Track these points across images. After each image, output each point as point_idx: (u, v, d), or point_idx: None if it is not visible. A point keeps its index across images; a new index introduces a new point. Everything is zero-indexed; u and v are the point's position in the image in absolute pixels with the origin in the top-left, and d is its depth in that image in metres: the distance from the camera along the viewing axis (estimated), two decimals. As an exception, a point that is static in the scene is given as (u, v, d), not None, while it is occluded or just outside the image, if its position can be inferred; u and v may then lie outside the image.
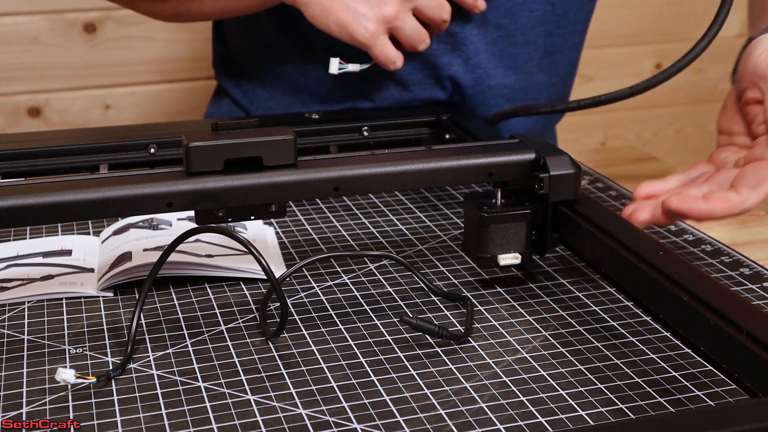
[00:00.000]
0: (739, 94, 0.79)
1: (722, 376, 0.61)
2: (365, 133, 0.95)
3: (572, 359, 0.65)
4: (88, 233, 0.87)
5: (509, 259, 0.74)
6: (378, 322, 0.70)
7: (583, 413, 0.58)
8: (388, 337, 0.68)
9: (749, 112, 0.78)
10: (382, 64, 0.91)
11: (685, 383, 0.62)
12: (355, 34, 0.89)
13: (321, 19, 0.90)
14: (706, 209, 0.72)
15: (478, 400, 0.60)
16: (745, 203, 0.72)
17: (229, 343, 0.68)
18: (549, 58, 1.06)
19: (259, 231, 0.86)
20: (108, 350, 0.67)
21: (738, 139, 0.81)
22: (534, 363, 0.64)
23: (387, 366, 0.64)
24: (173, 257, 0.75)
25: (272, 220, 0.89)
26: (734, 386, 0.59)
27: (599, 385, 0.61)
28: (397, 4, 0.89)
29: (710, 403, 0.59)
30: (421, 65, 1.01)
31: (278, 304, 0.69)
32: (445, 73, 1.01)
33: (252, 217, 0.70)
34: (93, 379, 0.62)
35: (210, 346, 0.67)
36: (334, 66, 0.93)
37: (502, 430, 0.57)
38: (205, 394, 0.61)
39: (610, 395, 0.60)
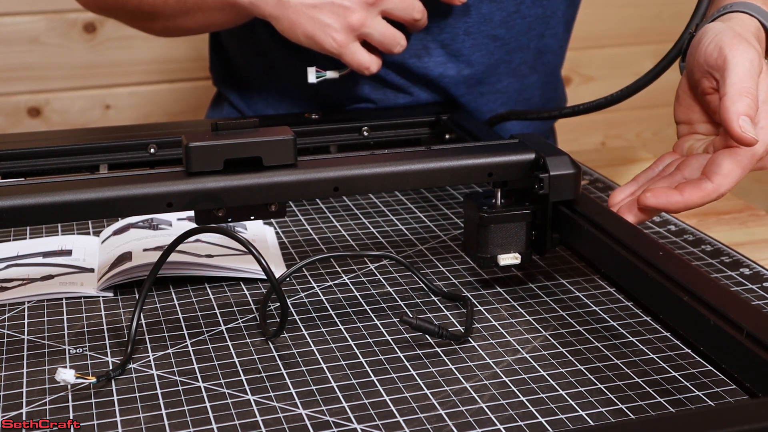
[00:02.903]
0: (693, 85, 0.79)
1: (722, 376, 0.61)
2: (365, 133, 0.95)
3: (572, 359, 0.65)
4: (88, 233, 0.87)
5: (509, 259, 0.74)
6: (378, 322, 0.70)
7: (583, 413, 0.58)
8: (388, 337, 0.68)
9: (710, 102, 0.78)
10: (357, 70, 0.91)
11: (685, 383, 0.62)
12: (324, 45, 0.89)
13: (290, 33, 0.90)
14: (682, 200, 0.72)
15: (478, 400, 0.60)
16: (719, 189, 0.72)
17: (229, 343, 0.68)
18: (541, 59, 1.06)
19: (259, 231, 0.86)
20: (108, 350, 0.67)
21: (699, 127, 0.80)
22: (534, 363, 0.64)
23: (387, 366, 0.64)
24: (173, 257, 0.75)
25: (272, 220, 0.89)
26: (734, 386, 0.59)
27: (599, 385, 0.61)
28: (363, 11, 0.88)
29: (710, 403, 0.60)
30: (413, 75, 1.01)
31: (278, 304, 0.69)
32: (438, 83, 1.01)
33: (252, 217, 0.70)
34: (93, 379, 0.62)
35: (210, 346, 0.67)
36: (312, 75, 0.93)
37: (502, 430, 0.57)
38: (205, 394, 0.61)
39: (610, 395, 0.60)
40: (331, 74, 0.94)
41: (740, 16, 0.79)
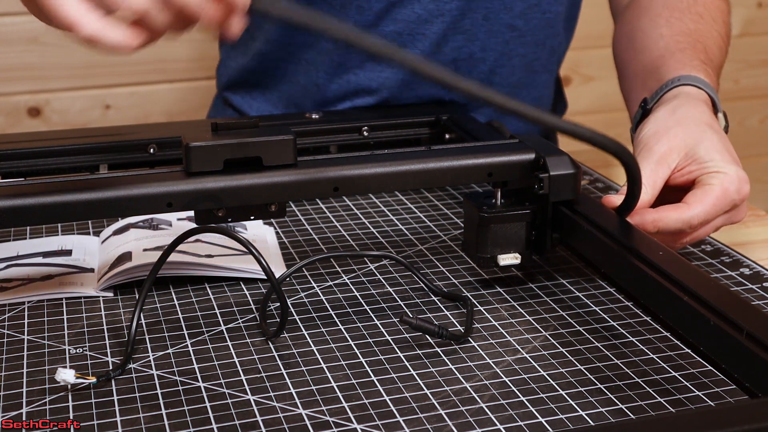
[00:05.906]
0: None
1: (722, 376, 0.61)
2: (365, 133, 0.95)
3: (572, 359, 0.65)
4: (88, 233, 0.87)
5: (509, 259, 0.74)
6: (378, 322, 0.70)
7: (583, 413, 0.58)
8: (388, 337, 0.68)
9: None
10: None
11: (685, 383, 0.62)
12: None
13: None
14: (657, 216, 0.73)
15: (478, 400, 0.60)
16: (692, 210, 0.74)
17: (229, 343, 0.68)
18: (553, 58, 1.06)
19: (259, 231, 0.86)
20: (108, 350, 0.67)
21: None
22: (534, 363, 0.64)
23: (387, 366, 0.64)
24: (173, 257, 0.75)
25: (272, 220, 0.89)
26: (734, 386, 0.59)
27: (599, 385, 0.61)
28: None
29: (710, 403, 0.60)
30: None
31: (278, 304, 0.69)
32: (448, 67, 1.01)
33: (252, 217, 0.70)
34: (93, 379, 0.62)
35: (210, 346, 0.67)
36: None
37: (502, 430, 0.57)
38: (205, 394, 0.61)
39: (610, 395, 0.60)
40: None
41: (688, 90, 0.84)
